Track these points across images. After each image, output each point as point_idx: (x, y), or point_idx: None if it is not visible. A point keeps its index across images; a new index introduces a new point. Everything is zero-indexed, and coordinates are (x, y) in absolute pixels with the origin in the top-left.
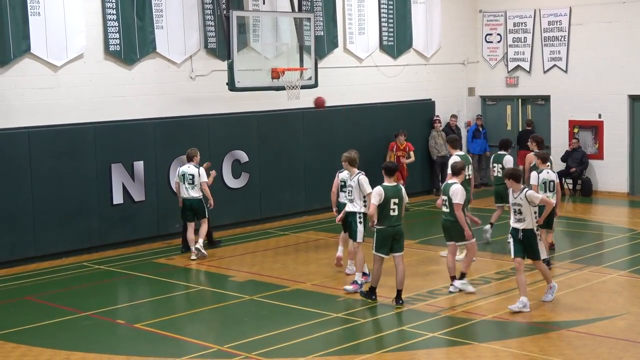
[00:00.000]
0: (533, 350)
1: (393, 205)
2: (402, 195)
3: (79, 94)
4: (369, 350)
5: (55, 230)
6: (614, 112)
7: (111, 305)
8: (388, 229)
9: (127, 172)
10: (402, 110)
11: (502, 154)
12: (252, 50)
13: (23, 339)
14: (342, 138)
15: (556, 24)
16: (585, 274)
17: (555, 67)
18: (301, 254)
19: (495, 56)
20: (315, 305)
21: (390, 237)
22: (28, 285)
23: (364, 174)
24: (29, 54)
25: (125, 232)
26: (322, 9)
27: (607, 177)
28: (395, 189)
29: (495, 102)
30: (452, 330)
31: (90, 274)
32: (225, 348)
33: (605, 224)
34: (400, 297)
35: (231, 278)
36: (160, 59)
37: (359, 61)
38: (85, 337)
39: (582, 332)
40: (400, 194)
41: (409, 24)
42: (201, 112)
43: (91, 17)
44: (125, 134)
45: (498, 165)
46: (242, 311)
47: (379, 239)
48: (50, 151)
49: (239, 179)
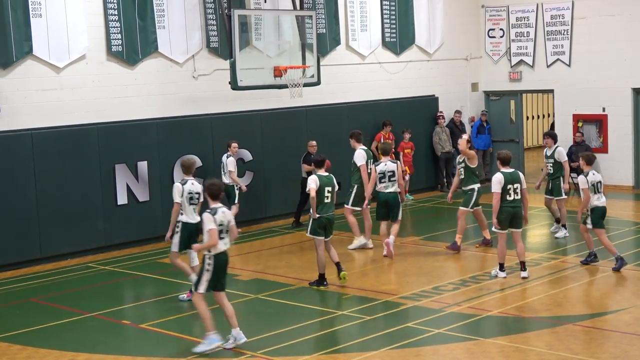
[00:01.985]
0: (539, 345)
1: (327, 193)
2: (335, 184)
3: (81, 95)
4: (374, 347)
5: (60, 231)
6: (618, 106)
7: (117, 306)
8: (324, 216)
9: (131, 173)
10: (405, 107)
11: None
12: (254, 48)
13: (29, 341)
14: (346, 135)
15: (559, 18)
16: (590, 268)
17: (558, 61)
18: (306, 252)
19: (498, 51)
20: (320, 303)
21: (326, 223)
22: (33, 287)
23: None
24: (32, 56)
25: (129, 232)
26: (323, 6)
27: (612, 170)
28: (328, 178)
29: (499, 97)
30: (457, 326)
31: (95, 275)
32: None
33: (611, 218)
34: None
35: (236, 277)
36: (163, 58)
37: (362, 58)
38: (91, 338)
39: (588, 326)
40: (332, 182)
41: (411, 20)
42: (204, 111)
43: (93, 18)
44: (128, 135)
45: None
46: (248, 310)
47: (314, 224)
48: (54, 152)
49: (243, 177)
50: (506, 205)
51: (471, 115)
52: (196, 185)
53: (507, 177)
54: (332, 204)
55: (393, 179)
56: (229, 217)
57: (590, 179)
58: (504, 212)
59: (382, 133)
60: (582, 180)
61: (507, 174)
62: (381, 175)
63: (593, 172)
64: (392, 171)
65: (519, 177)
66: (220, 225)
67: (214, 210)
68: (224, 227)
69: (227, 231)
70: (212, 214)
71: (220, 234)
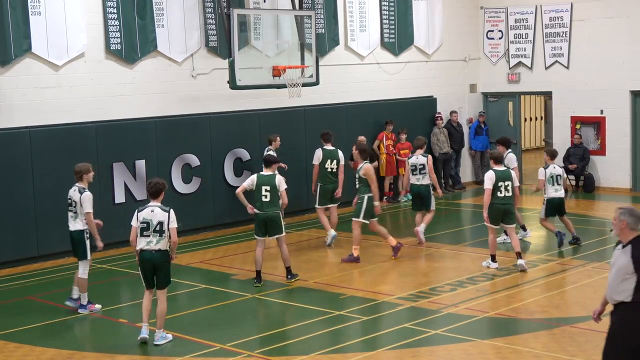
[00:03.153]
0: (536, 347)
1: (264, 192)
2: (275, 184)
3: (80, 93)
4: (371, 347)
5: (57, 229)
6: (616, 108)
7: (114, 305)
8: (261, 214)
9: (128, 171)
10: (403, 108)
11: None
12: (253, 48)
13: (26, 339)
14: (344, 135)
15: (557, 20)
16: (588, 270)
17: (556, 63)
18: (304, 252)
19: (497, 53)
20: (317, 303)
21: (263, 221)
22: (31, 285)
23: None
24: (30, 54)
25: (127, 231)
26: (323, 6)
27: (609, 172)
28: (268, 177)
29: (497, 99)
30: (454, 327)
31: (92, 273)
32: (227, 346)
33: (608, 220)
34: (290, 272)
35: (233, 276)
36: (161, 57)
37: (361, 58)
38: (88, 336)
39: (585, 328)
40: (273, 181)
41: (410, 21)
42: (202, 110)
43: (92, 16)
44: (126, 133)
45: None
46: (245, 309)
47: (255, 223)
48: (51, 150)
49: (241, 177)
50: (496, 203)
51: (469, 116)
52: (75, 193)
53: (498, 174)
54: (272, 202)
55: (423, 171)
56: (160, 217)
57: (549, 172)
58: (494, 209)
59: (385, 132)
60: (541, 172)
61: (499, 172)
62: (413, 167)
63: (554, 166)
64: (423, 164)
65: (510, 175)
66: (143, 222)
67: (141, 208)
68: (150, 225)
69: (156, 231)
70: (137, 211)
71: (144, 231)
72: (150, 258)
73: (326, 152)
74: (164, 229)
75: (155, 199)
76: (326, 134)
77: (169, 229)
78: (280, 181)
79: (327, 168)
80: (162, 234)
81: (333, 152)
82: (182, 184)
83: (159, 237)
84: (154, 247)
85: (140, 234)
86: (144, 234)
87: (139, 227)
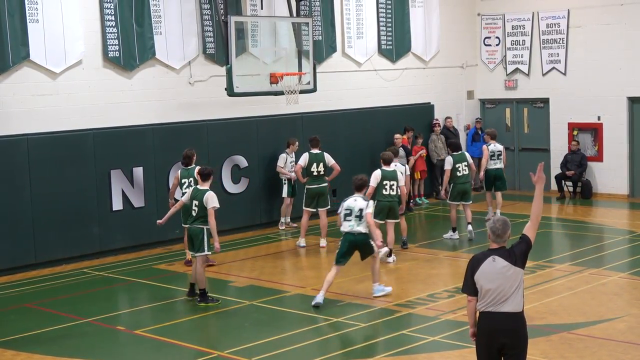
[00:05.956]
0: (534, 353)
1: (194, 207)
2: (202, 199)
3: (78, 100)
4: (369, 354)
5: (55, 237)
6: (613, 114)
7: (112, 312)
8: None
9: (126, 178)
10: (401, 114)
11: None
12: (250, 55)
13: (24, 346)
14: (342, 142)
15: (554, 26)
16: (585, 276)
17: (554, 70)
18: (301, 259)
19: (494, 59)
20: (315, 310)
21: (189, 236)
22: (28, 293)
23: None
24: (28, 61)
25: (125, 238)
26: (320, 13)
27: (607, 179)
28: (197, 192)
29: (494, 105)
30: (452, 334)
31: (90, 281)
32: (225, 353)
33: (606, 226)
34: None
35: (231, 283)
36: (159, 64)
37: (358, 65)
38: (86, 343)
39: (583, 334)
40: (201, 197)
41: (407, 28)
42: (200, 117)
43: (90, 24)
44: (124, 140)
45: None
46: (242, 316)
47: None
48: (49, 158)
49: (239, 184)
50: (382, 200)
51: (466, 123)
52: None
53: (384, 174)
54: (196, 217)
55: (500, 157)
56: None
57: (491, 149)
58: (381, 205)
59: (404, 137)
60: (484, 149)
61: (385, 172)
62: (492, 154)
63: (494, 144)
64: (500, 151)
65: (397, 176)
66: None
67: (346, 198)
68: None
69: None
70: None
71: (346, 217)
72: (354, 240)
73: (312, 155)
74: (363, 214)
75: (359, 191)
76: (313, 140)
77: (365, 215)
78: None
79: (313, 171)
80: (361, 219)
81: (319, 155)
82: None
83: (358, 221)
84: (355, 230)
85: (344, 219)
86: (347, 219)
87: (343, 214)
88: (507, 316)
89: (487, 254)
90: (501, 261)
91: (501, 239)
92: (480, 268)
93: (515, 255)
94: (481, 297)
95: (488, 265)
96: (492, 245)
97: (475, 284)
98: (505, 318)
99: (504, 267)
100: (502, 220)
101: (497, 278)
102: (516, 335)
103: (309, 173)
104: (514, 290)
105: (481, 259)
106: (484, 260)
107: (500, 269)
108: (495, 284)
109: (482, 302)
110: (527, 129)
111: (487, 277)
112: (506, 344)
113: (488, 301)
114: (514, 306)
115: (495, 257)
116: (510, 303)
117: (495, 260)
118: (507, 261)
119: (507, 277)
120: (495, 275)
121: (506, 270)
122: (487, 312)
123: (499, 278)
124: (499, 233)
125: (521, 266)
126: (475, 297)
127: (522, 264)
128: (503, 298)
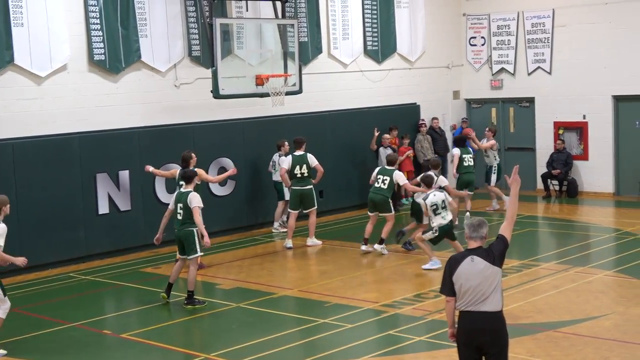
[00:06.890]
0: (520, 352)
1: (179, 210)
2: (186, 200)
3: (63, 104)
4: (356, 355)
5: (41, 241)
6: (599, 113)
7: (98, 316)
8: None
9: (112, 182)
10: (387, 115)
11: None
12: (236, 57)
13: (10, 351)
14: (329, 143)
15: (539, 26)
16: (571, 274)
17: (539, 69)
18: (288, 261)
19: (480, 59)
20: (302, 312)
21: (178, 239)
22: (15, 297)
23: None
24: (13, 65)
25: (111, 241)
26: (305, 15)
27: (592, 177)
28: (181, 195)
29: (480, 105)
30: (439, 334)
31: (76, 285)
32: (212, 356)
33: (591, 225)
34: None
35: (218, 286)
36: (145, 67)
37: (344, 66)
38: (72, 348)
39: (569, 332)
40: (185, 200)
41: (393, 29)
42: (186, 120)
43: (75, 27)
44: (110, 144)
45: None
46: (229, 319)
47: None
48: (35, 162)
49: (225, 186)
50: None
51: (452, 123)
52: None
53: (295, 159)
54: (183, 221)
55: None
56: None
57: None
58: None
59: (392, 139)
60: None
61: (295, 157)
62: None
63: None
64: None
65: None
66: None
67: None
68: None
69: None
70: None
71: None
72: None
73: (295, 158)
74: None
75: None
76: (297, 141)
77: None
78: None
79: (297, 173)
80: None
81: (302, 157)
82: (166, 194)
83: (446, 211)
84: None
85: (434, 213)
86: (437, 213)
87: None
88: (487, 315)
89: (466, 254)
90: (480, 261)
91: (477, 234)
92: (458, 268)
93: (493, 255)
94: (460, 296)
95: (467, 265)
96: (470, 244)
97: (453, 284)
98: (484, 317)
99: (483, 266)
100: (478, 218)
101: (476, 277)
102: (496, 334)
103: (293, 175)
104: (492, 289)
105: (459, 260)
106: (462, 261)
107: (479, 268)
108: (475, 283)
109: (461, 301)
110: (513, 129)
111: (466, 277)
112: (486, 342)
113: (467, 301)
114: (493, 305)
115: (473, 256)
116: (490, 302)
117: (474, 260)
118: (485, 260)
119: (486, 276)
120: (474, 275)
121: (485, 270)
122: (466, 312)
123: (478, 277)
124: (475, 227)
125: (499, 265)
126: (454, 298)
127: (500, 263)
128: (482, 297)
